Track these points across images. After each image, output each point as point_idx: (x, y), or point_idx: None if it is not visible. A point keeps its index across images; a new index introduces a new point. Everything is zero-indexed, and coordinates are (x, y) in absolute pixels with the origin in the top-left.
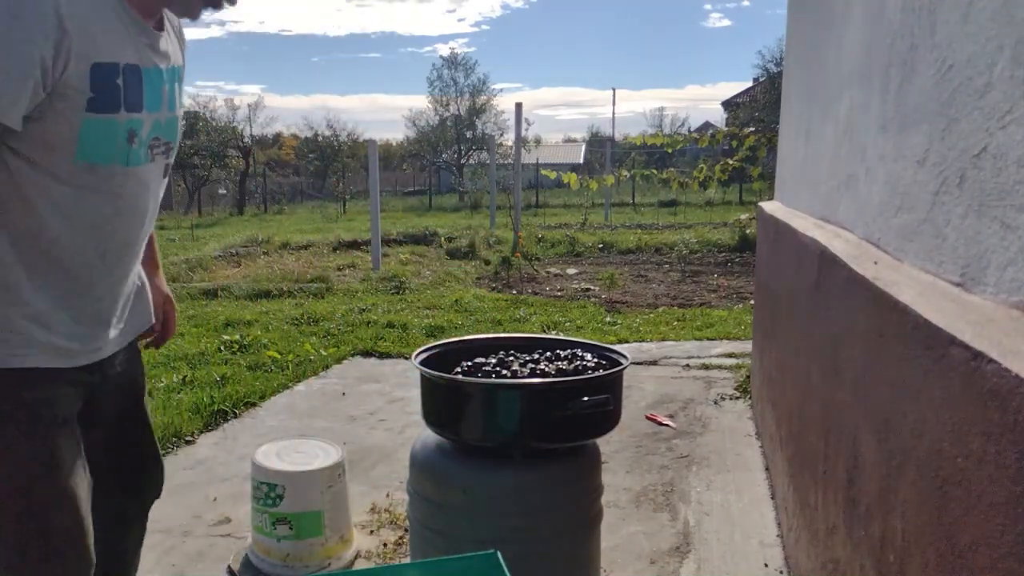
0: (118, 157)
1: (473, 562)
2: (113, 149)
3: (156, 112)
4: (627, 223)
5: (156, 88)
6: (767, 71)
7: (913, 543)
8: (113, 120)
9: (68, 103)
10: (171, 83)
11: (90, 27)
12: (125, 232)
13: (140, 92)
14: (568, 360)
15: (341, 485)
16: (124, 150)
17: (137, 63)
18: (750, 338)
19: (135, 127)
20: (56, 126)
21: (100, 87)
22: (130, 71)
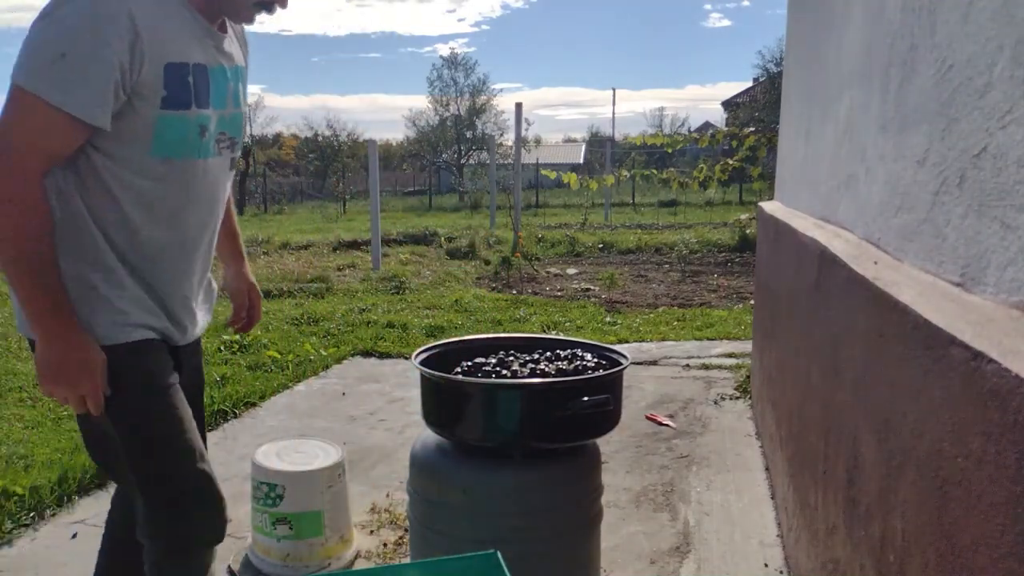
0: (191, 151)
1: (473, 562)
2: (186, 143)
3: (222, 109)
4: (627, 223)
5: (222, 86)
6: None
7: (913, 543)
8: (185, 116)
9: (144, 101)
10: (235, 81)
11: (161, 30)
12: (200, 221)
13: (207, 90)
14: (568, 360)
15: (341, 485)
16: (196, 144)
17: (204, 63)
18: (750, 338)
19: (205, 122)
20: (133, 123)
21: (173, 85)
22: (198, 70)
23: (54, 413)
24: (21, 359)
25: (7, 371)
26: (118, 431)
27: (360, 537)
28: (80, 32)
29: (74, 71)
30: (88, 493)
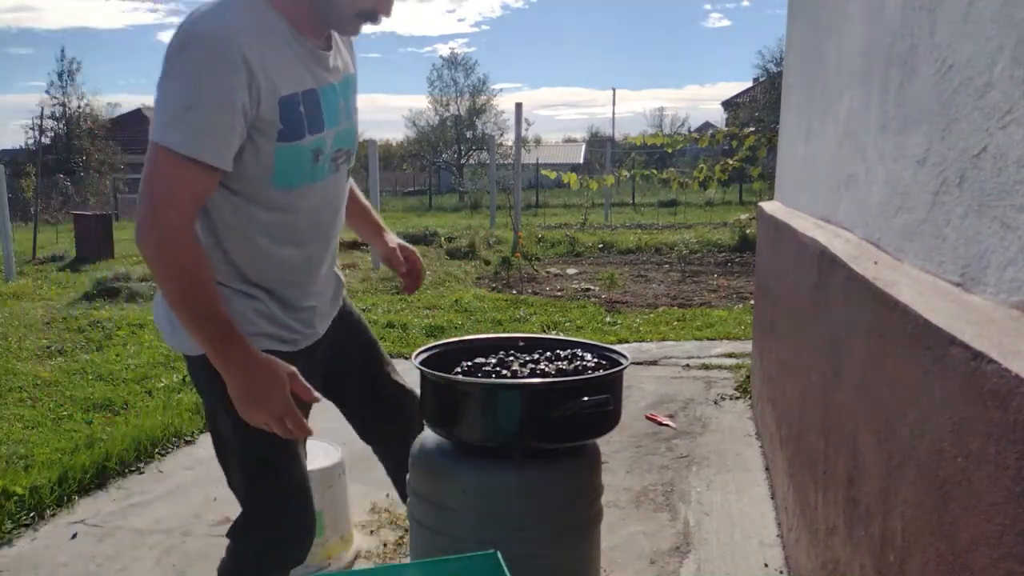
0: (307, 177)
1: (473, 562)
2: (302, 171)
3: (335, 126)
4: (627, 223)
5: (332, 104)
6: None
7: (913, 543)
8: (299, 146)
9: (263, 136)
10: (344, 95)
11: (271, 65)
12: (321, 238)
13: (320, 113)
14: (568, 360)
15: (341, 485)
16: (311, 169)
17: (314, 86)
18: (750, 338)
19: (319, 146)
20: (254, 157)
21: (287, 118)
22: (308, 96)
23: (54, 413)
24: (21, 359)
25: (7, 371)
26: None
27: (360, 537)
28: (201, 82)
29: (200, 120)
30: (88, 493)
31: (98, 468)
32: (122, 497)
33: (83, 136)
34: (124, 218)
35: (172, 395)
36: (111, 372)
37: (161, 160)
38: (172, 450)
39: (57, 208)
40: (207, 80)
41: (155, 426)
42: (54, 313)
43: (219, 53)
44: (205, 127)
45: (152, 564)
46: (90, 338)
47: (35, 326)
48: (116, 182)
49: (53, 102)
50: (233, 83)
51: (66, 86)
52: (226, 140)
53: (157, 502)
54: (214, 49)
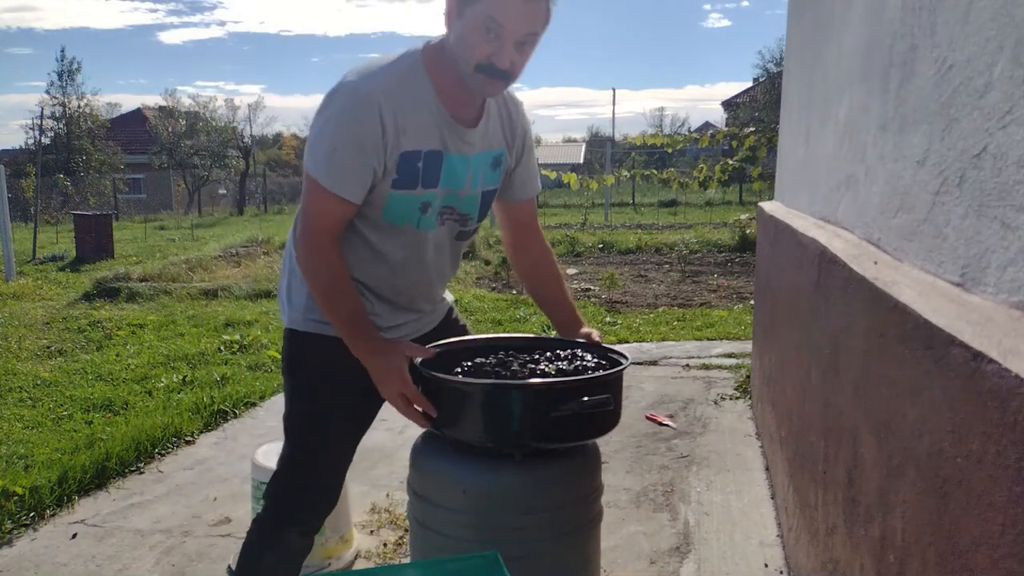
0: (411, 221)
1: (473, 562)
2: (406, 215)
3: (456, 189)
4: (627, 223)
5: (456, 171)
6: (767, 71)
7: (913, 543)
8: (410, 195)
9: (383, 181)
10: (477, 167)
11: (404, 124)
12: (412, 275)
13: (438, 173)
14: (568, 360)
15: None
16: (416, 216)
17: (440, 149)
18: (750, 338)
19: (429, 199)
20: (372, 196)
21: (403, 170)
22: (431, 156)
23: (54, 413)
24: (21, 359)
25: (7, 371)
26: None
27: (360, 537)
28: (346, 130)
29: (341, 162)
30: (88, 493)
31: (98, 468)
32: (122, 497)
33: (83, 136)
34: (124, 218)
35: (172, 395)
36: (111, 372)
37: (313, 188)
38: (172, 450)
39: (57, 208)
40: (349, 129)
41: (155, 426)
42: (54, 313)
43: (361, 107)
44: (345, 168)
45: (152, 564)
46: (90, 338)
47: (35, 326)
48: (116, 182)
49: (53, 102)
50: (369, 134)
51: (66, 86)
52: (361, 180)
53: (157, 502)
54: (358, 103)
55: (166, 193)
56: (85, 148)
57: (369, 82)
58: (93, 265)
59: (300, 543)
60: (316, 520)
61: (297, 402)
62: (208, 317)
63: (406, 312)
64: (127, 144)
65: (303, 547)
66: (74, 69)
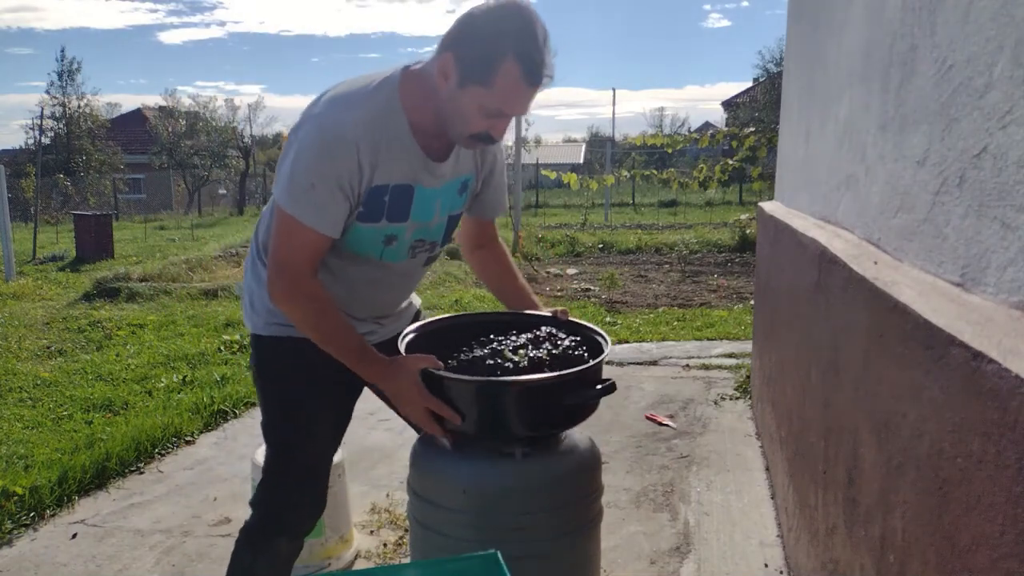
0: (373, 252)
1: (473, 562)
2: (370, 246)
3: (426, 221)
4: (627, 223)
5: (426, 204)
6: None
7: (913, 543)
8: (374, 228)
9: (350, 214)
10: (445, 196)
11: (378, 161)
12: (377, 299)
13: (408, 207)
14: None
15: (341, 485)
16: (379, 248)
17: (410, 183)
18: (750, 338)
19: (395, 233)
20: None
21: (369, 204)
22: (399, 190)
23: (54, 413)
24: (21, 359)
25: (7, 371)
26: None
27: (360, 537)
28: (324, 166)
29: (321, 199)
30: (88, 493)
31: (98, 468)
32: (122, 497)
33: (83, 136)
34: (124, 218)
35: (172, 395)
36: (111, 372)
37: (290, 224)
38: (172, 450)
39: (57, 208)
40: (327, 165)
41: (155, 426)
42: (54, 313)
43: (339, 144)
44: (324, 204)
45: (152, 564)
46: (90, 338)
47: (35, 326)
48: (116, 182)
49: (53, 102)
50: (345, 171)
51: (66, 86)
52: (340, 215)
53: (157, 502)
54: (337, 140)
55: (166, 193)
56: (85, 148)
57: (347, 117)
58: (93, 265)
59: (289, 547)
60: (305, 524)
61: (273, 406)
62: (208, 317)
63: (367, 323)
64: (127, 144)
65: (293, 551)
66: (74, 69)
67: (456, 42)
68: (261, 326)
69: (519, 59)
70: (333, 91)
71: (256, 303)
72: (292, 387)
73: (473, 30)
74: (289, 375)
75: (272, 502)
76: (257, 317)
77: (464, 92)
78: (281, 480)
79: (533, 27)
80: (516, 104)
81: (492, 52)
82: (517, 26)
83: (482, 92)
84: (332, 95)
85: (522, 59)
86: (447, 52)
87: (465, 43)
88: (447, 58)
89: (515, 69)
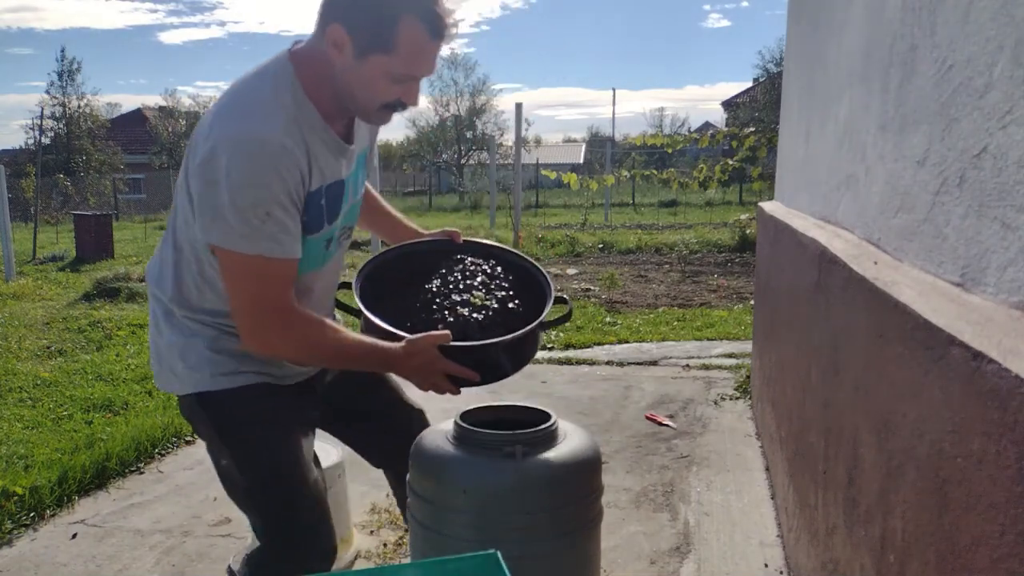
0: (317, 263)
1: (473, 562)
2: (315, 259)
3: (346, 207)
4: (627, 223)
5: (348, 191)
6: (767, 71)
7: (913, 543)
8: (317, 237)
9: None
10: (357, 175)
11: (311, 166)
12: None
13: (340, 202)
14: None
15: (341, 485)
16: (322, 256)
17: (340, 178)
18: (750, 338)
19: (332, 234)
20: None
21: (311, 212)
22: (332, 189)
23: (54, 413)
24: (21, 359)
25: (7, 371)
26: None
27: (360, 537)
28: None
29: (279, 224)
30: (88, 493)
31: (98, 468)
32: (122, 497)
33: (83, 136)
34: (124, 218)
35: (172, 395)
36: (111, 372)
37: (251, 266)
38: (172, 450)
39: (57, 208)
40: (274, 185)
41: (155, 426)
42: (54, 313)
43: (279, 159)
44: (283, 228)
45: (152, 564)
46: (90, 338)
47: (35, 326)
48: (116, 182)
49: (53, 102)
50: (292, 183)
51: (66, 86)
52: (297, 232)
53: (157, 502)
54: (275, 156)
55: (166, 193)
56: (85, 148)
57: (267, 128)
58: (93, 265)
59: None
60: (328, 563)
61: (257, 465)
62: None
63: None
64: (127, 144)
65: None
66: (74, 69)
67: (342, 10)
68: (206, 381)
69: (419, 16)
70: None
71: (189, 357)
72: (271, 436)
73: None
74: (261, 424)
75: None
76: (195, 374)
77: (365, 63)
78: (296, 538)
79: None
80: (425, 64)
81: (387, 15)
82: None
83: (385, 60)
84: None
85: (422, 15)
86: (334, 23)
87: (353, 9)
88: (336, 30)
89: (417, 27)
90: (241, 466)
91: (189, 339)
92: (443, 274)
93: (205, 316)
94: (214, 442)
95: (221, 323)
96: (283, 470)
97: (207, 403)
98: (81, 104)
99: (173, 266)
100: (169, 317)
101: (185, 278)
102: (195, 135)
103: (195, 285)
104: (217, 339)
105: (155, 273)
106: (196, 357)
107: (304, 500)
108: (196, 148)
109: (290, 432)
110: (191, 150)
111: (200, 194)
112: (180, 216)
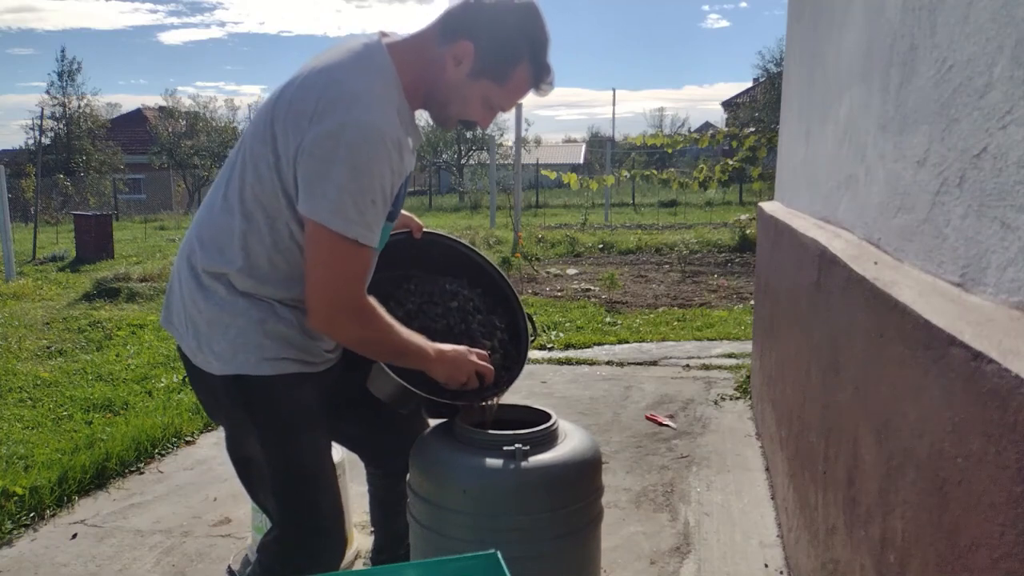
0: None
1: (473, 562)
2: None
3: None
4: (627, 223)
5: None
6: (767, 71)
7: (913, 543)
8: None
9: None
10: None
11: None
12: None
13: (404, 190)
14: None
15: (341, 485)
16: (383, 242)
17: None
18: (750, 338)
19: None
20: None
21: (396, 202)
22: (407, 177)
23: (54, 413)
24: (21, 359)
25: (7, 371)
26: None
27: (360, 537)
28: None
29: (375, 215)
30: (88, 493)
31: (98, 468)
32: (122, 497)
33: (83, 136)
34: (124, 218)
35: (172, 395)
36: (111, 372)
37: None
38: (172, 450)
39: (57, 208)
40: (385, 179)
41: (155, 426)
42: (54, 313)
43: (393, 152)
44: (376, 220)
45: (152, 564)
46: (90, 338)
47: (35, 326)
48: (116, 182)
49: (53, 102)
50: (395, 179)
51: (66, 86)
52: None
53: (157, 502)
54: (391, 149)
55: (166, 193)
56: (85, 148)
57: (392, 124)
58: (93, 265)
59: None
60: (339, 555)
61: (284, 450)
62: None
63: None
64: (127, 144)
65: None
66: (74, 69)
67: (475, 31)
68: (251, 365)
69: (533, 64)
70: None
71: (234, 337)
72: (305, 424)
73: (495, 24)
74: (297, 412)
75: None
76: (240, 356)
77: (475, 83)
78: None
79: (546, 32)
80: (514, 103)
81: (512, 53)
82: (536, 27)
83: (492, 87)
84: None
85: (535, 65)
86: (465, 40)
87: (488, 38)
88: (465, 46)
89: (528, 72)
90: (271, 452)
91: (236, 318)
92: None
93: (269, 289)
94: (244, 425)
95: (281, 298)
96: (310, 458)
97: (246, 386)
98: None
99: (241, 236)
100: (210, 294)
101: (256, 247)
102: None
103: (267, 257)
104: (265, 321)
105: (213, 245)
106: (243, 339)
107: (327, 490)
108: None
109: (320, 421)
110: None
111: (312, 166)
112: (251, 174)
